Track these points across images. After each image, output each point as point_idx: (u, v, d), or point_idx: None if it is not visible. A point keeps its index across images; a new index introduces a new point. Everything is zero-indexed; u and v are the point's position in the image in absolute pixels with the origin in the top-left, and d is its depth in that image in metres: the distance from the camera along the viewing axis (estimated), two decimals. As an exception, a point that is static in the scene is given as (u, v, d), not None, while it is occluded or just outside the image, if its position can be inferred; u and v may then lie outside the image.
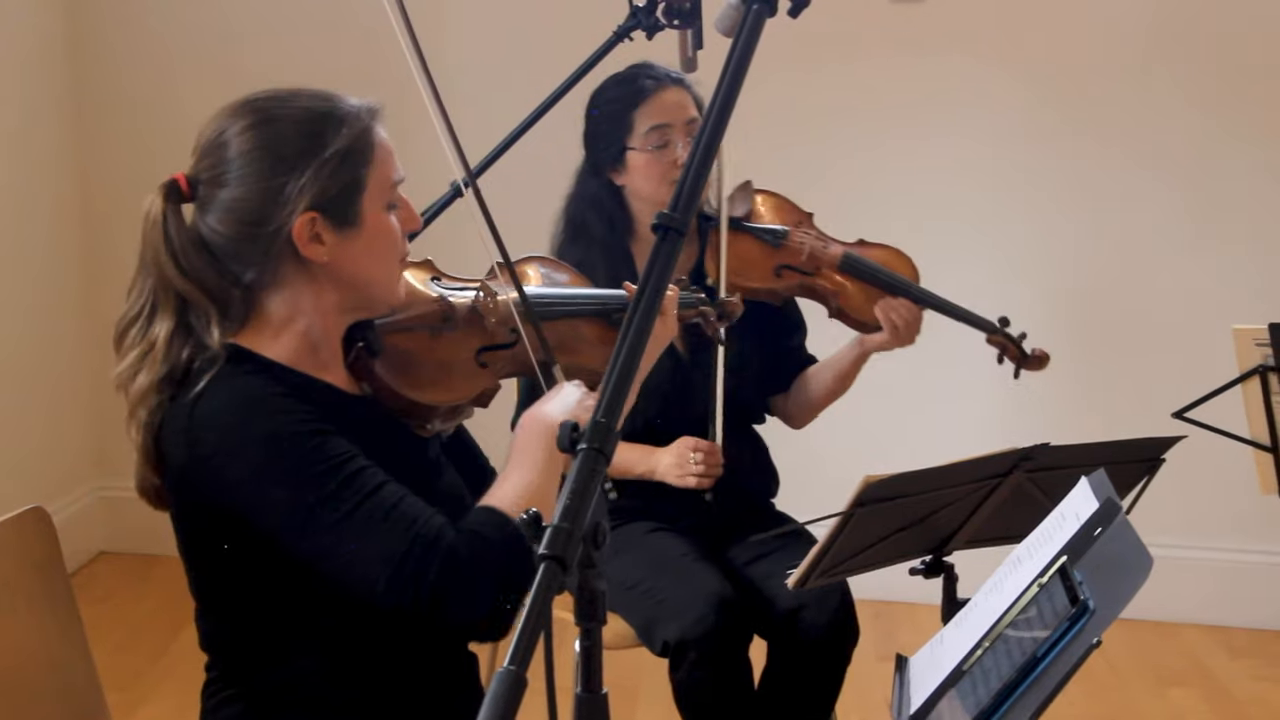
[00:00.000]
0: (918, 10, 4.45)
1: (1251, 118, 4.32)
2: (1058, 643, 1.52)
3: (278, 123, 1.86)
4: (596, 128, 2.99)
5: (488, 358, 2.09)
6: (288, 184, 1.83)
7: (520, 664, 1.05)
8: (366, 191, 1.87)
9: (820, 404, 3.11)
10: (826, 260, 3.00)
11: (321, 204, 1.84)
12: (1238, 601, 4.42)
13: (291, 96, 1.89)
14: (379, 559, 1.74)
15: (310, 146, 1.84)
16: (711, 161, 1.30)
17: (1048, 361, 3.07)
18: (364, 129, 1.89)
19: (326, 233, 1.86)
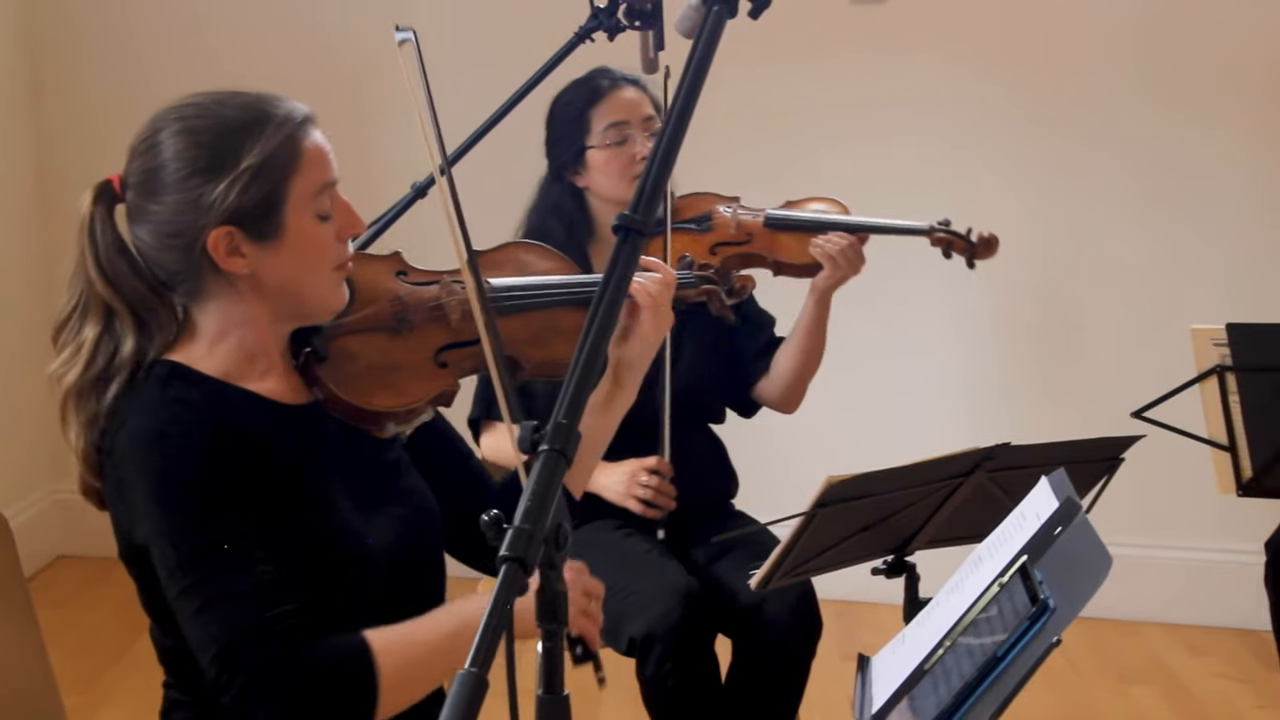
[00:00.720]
0: (879, 11, 4.47)
1: (1214, 117, 4.35)
2: (1018, 642, 1.52)
3: (199, 132, 1.82)
4: (556, 132, 3.01)
5: (449, 356, 2.02)
6: (202, 196, 1.80)
7: (481, 666, 1.05)
8: (289, 202, 1.83)
9: (800, 373, 3.09)
10: (754, 226, 3.04)
11: (237, 217, 1.81)
12: (1197, 600, 4.45)
13: (220, 103, 1.85)
14: (210, 638, 1.71)
15: (226, 159, 1.81)
16: (673, 162, 1.30)
17: (997, 243, 3.06)
18: (287, 137, 1.84)
19: (245, 245, 1.83)
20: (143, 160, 1.84)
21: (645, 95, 2.99)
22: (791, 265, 3.03)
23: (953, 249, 3.06)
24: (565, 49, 2.94)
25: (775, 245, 3.03)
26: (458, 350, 2.03)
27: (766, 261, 3.04)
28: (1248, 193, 4.35)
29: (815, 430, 4.26)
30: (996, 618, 1.63)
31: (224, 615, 1.70)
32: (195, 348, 1.88)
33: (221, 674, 1.69)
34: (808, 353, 3.07)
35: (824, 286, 3.01)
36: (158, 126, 1.85)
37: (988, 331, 4.50)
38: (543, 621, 1.16)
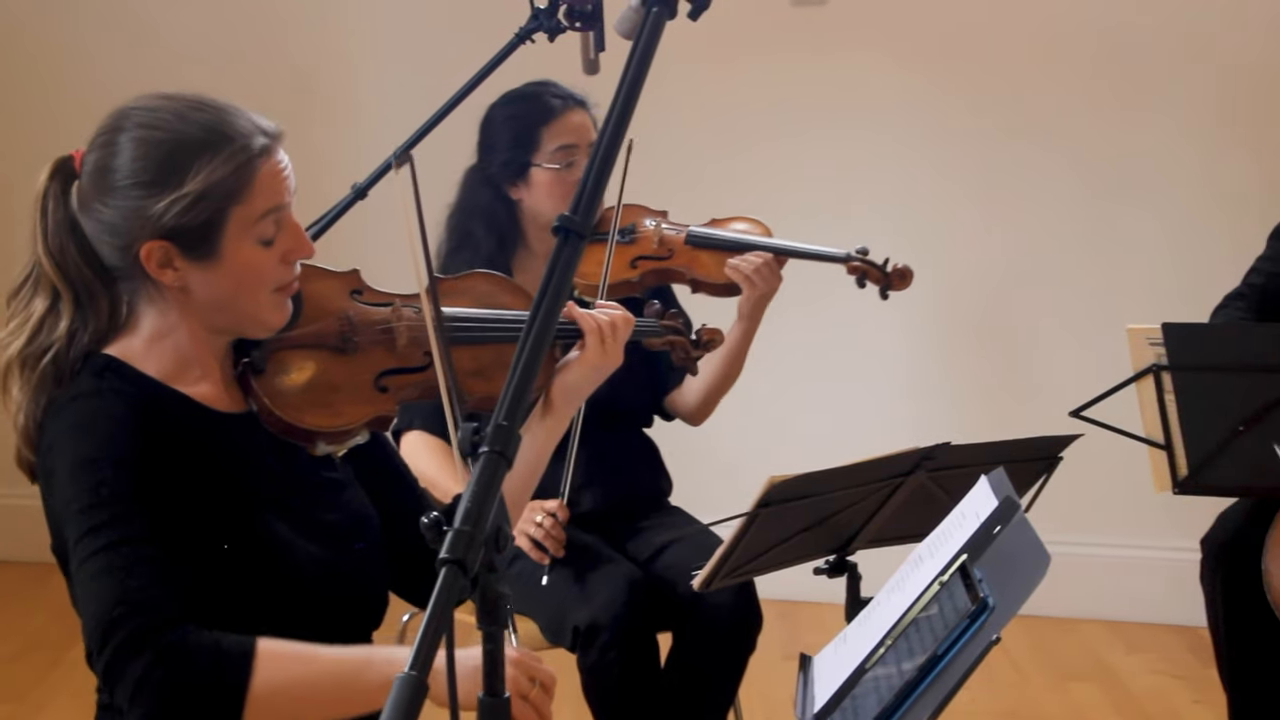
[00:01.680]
0: (819, 13, 4.49)
1: (1152, 119, 4.40)
2: (958, 640, 1.53)
3: (153, 144, 1.81)
4: (497, 140, 2.99)
5: (390, 381, 1.99)
6: (143, 208, 1.79)
7: (421, 669, 1.05)
8: (228, 228, 1.82)
9: (714, 393, 3.10)
10: (676, 242, 3.05)
11: (174, 234, 1.80)
12: (1135, 597, 4.50)
13: (181, 116, 1.83)
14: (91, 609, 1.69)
15: (172, 177, 1.79)
16: (613, 164, 1.30)
17: (911, 276, 3.08)
18: (239, 165, 1.81)
19: (179, 260, 1.82)
20: (99, 155, 1.83)
21: (590, 118, 2.99)
22: (708, 284, 3.05)
23: (867, 279, 3.07)
24: (505, 50, 2.93)
25: (695, 263, 3.04)
26: (400, 376, 2.01)
27: (685, 278, 3.06)
28: (1185, 194, 4.39)
29: (757, 431, 4.28)
30: (937, 616, 1.64)
31: (107, 587, 1.68)
32: (133, 344, 1.87)
33: (93, 643, 1.68)
34: (725, 375, 3.09)
35: (747, 309, 3.02)
36: (120, 124, 1.83)
37: (928, 331, 4.52)
38: (483, 624, 1.16)
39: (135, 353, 1.86)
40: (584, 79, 2.84)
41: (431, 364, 2.00)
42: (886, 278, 3.05)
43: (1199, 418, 2.53)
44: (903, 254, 4.45)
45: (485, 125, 3.03)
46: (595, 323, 2.10)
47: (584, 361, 2.10)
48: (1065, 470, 2.55)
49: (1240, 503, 3.05)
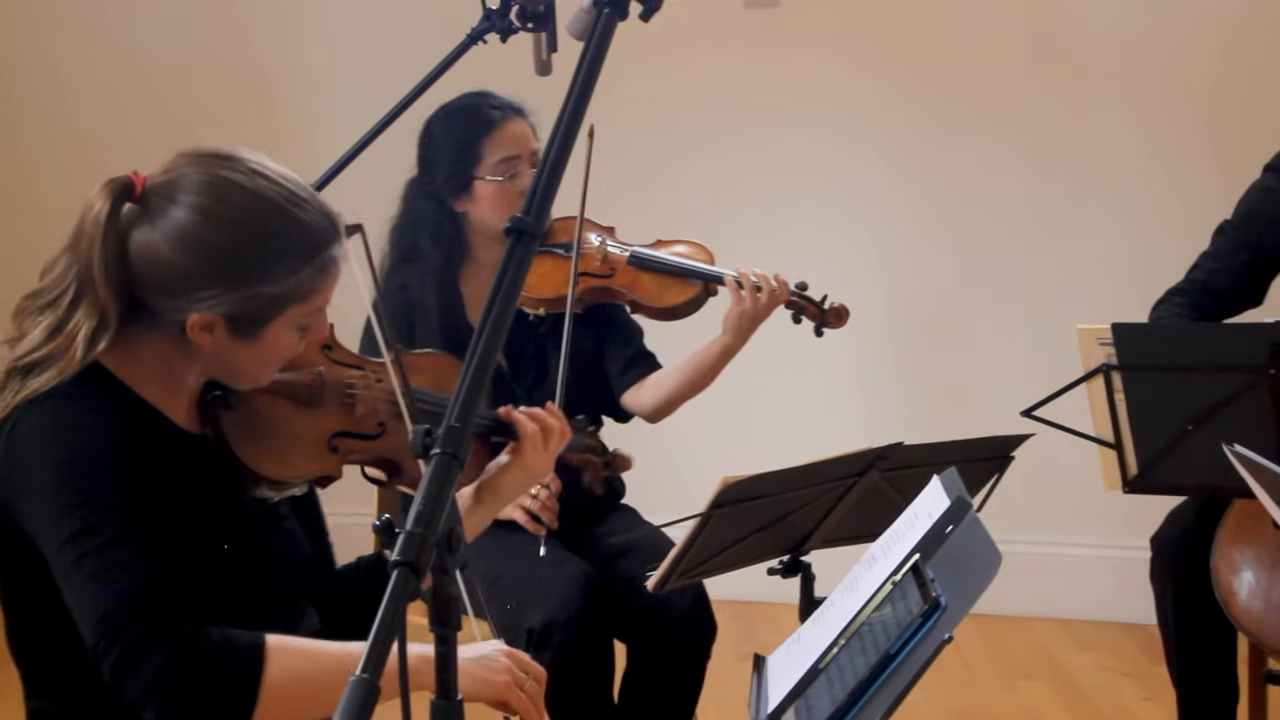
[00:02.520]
0: (772, 14, 4.50)
1: (1105, 118, 4.43)
2: (911, 639, 1.54)
3: (241, 230, 1.79)
4: (438, 154, 2.98)
5: (341, 443, 2.01)
6: (210, 286, 1.79)
7: (373, 672, 1.04)
8: (281, 320, 1.84)
9: (680, 398, 3.10)
10: (618, 261, 3.05)
11: (230, 317, 1.82)
12: (1086, 595, 4.53)
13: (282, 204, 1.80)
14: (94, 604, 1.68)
15: (254, 273, 1.79)
16: (564, 165, 1.30)
17: (847, 315, 3.09)
18: (321, 273, 1.83)
19: (221, 332, 1.83)
20: (172, 199, 1.80)
21: (529, 126, 2.99)
22: (647, 306, 3.05)
23: (803, 314, 3.08)
24: (458, 51, 2.92)
25: (636, 284, 3.04)
26: (352, 440, 2.03)
27: (624, 298, 3.05)
28: (1137, 193, 4.43)
29: (711, 431, 4.28)
30: (890, 616, 1.64)
31: (109, 583, 1.67)
32: (125, 357, 1.86)
33: (102, 640, 1.66)
34: (693, 383, 3.08)
35: (732, 324, 3.00)
36: (214, 179, 1.80)
37: (882, 331, 4.54)
38: (434, 626, 1.15)
39: (125, 365, 1.86)
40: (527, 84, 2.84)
41: (384, 434, 2.04)
42: (822, 314, 3.07)
43: (1148, 417, 2.55)
44: (855, 253, 4.51)
45: (424, 139, 3.01)
46: (533, 428, 2.11)
47: (517, 466, 2.12)
48: (1017, 470, 2.57)
49: (1189, 501, 3.07)
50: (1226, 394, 2.44)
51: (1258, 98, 4.31)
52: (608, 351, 3.11)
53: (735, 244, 4.40)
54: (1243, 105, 4.33)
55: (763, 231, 4.50)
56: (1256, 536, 2.80)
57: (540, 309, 2.99)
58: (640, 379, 3.12)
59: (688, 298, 3.05)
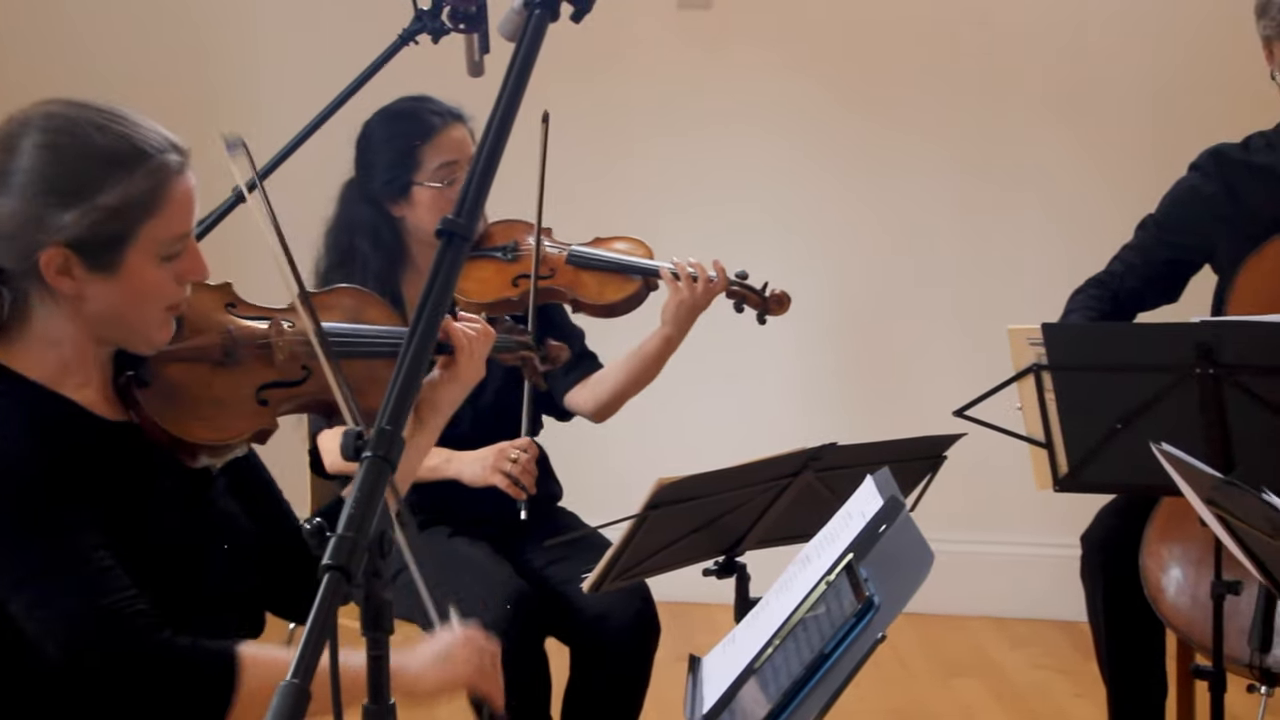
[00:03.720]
0: (705, 15, 4.51)
1: (1040, 119, 4.47)
2: (845, 638, 1.54)
3: (63, 151, 1.78)
4: (376, 158, 2.96)
5: (270, 395, 2.00)
6: (48, 215, 1.77)
7: (304, 677, 1.03)
8: (135, 244, 1.80)
9: (624, 395, 3.11)
10: (557, 261, 3.04)
11: (78, 244, 1.78)
12: (1018, 593, 4.57)
13: (95, 125, 1.79)
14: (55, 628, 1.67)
15: (86, 187, 1.77)
16: (496, 167, 1.29)
17: (789, 302, 3.11)
18: (155, 184, 1.80)
19: (78, 269, 1.79)
20: (4, 155, 1.79)
21: (469, 132, 2.98)
22: (589, 305, 3.05)
23: (745, 303, 3.10)
24: (389, 52, 2.91)
25: (576, 283, 3.04)
26: (280, 390, 2.02)
27: (566, 298, 3.05)
28: (1067, 193, 4.47)
29: (647, 434, 4.28)
30: (824, 615, 1.65)
31: (70, 606, 1.67)
32: (16, 348, 1.84)
33: (72, 661, 1.66)
34: (636, 379, 3.08)
35: (670, 315, 3.01)
36: (23, 129, 1.80)
37: (816, 332, 4.56)
38: (367, 630, 1.15)
39: (23, 356, 1.83)
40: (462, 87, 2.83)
41: (309, 377, 2.03)
42: (764, 303, 3.08)
43: (1078, 416, 2.57)
44: (791, 253, 4.53)
45: (362, 143, 2.99)
46: (465, 338, 2.11)
47: (453, 377, 2.12)
48: (950, 469, 2.59)
49: (1119, 500, 3.10)
50: (1154, 394, 2.46)
51: (1189, 96, 4.36)
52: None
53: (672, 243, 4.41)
54: (1174, 103, 4.38)
55: (698, 231, 4.50)
56: (1184, 534, 2.84)
57: (481, 314, 2.97)
58: (583, 379, 3.11)
59: (629, 293, 3.05)
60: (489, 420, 2.93)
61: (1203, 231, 3.18)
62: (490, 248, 3.04)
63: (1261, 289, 2.96)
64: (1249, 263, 2.98)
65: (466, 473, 2.87)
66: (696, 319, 3.03)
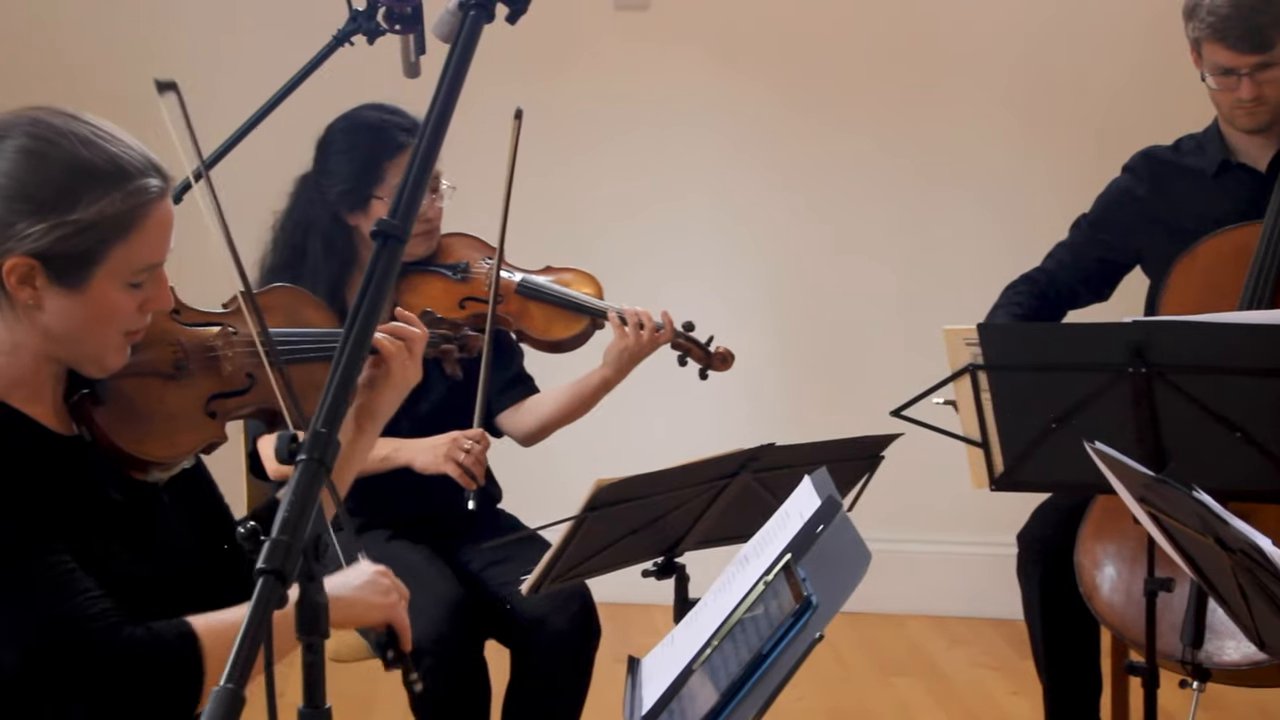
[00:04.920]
0: (642, 17, 4.52)
1: (983, 118, 4.51)
2: (783, 638, 1.55)
3: (45, 161, 1.75)
4: (337, 166, 2.93)
5: (218, 406, 1.97)
6: (18, 223, 1.74)
7: (238, 681, 1.03)
8: (104, 265, 1.78)
9: (555, 426, 3.10)
10: (507, 287, 3.01)
11: (45, 256, 1.75)
12: (956, 592, 4.60)
13: (80, 139, 1.77)
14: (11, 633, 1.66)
15: (60, 202, 1.74)
16: (431, 167, 1.29)
17: (733, 360, 3.11)
18: (133, 207, 1.78)
19: (41, 280, 1.76)
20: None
21: None
22: (532, 338, 3.03)
23: (689, 356, 3.07)
24: (323, 53, 2.89)
25: (524, 314, 3.01)
26: (227, 400, 1.99)
27: (511, 326, 3.02)
28: (1012, 195, 4.51)
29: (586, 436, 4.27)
30: (762, 615, 1.65)
31: (20, 613, 1.65)
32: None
33: (30, 668, 1.64)
34: (569, 413, 3.08)
35: (612, 357, 2.99)
36: (3, 133, 1.77)
37: (754, 332, 4.57)
38: (302, 634, 1.14)
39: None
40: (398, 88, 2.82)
41: (254, 385, 2.00)
42: (709, 358, 3.07)
43: (1013, 416, 2.59)
44: (729, 254, 4.54)
45: (324, 147, 2.96)
46: (396, 346, 2.07)
47: (388, 384, 2.08)
48: (887, 468, 2.60)
49: (1054, 498, 3.13)
50: (1088, 393, 2.48)
51: (1129, 98, 4.41)
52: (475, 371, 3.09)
53: (608, 245, 4.42)
54: (1114, 105, 4.42)
55: (636, 233, 4.51)
56: (1118, 532, 2.87)
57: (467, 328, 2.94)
58: (518, 401, 3.10)
59: (575, 332, 3.02)
60: (428, 429, 2.91)
61: (1134, 232, 3.22)
62: (441, 264, 3.02)
63: (1192, 289, 3.00)
64: (1180, 264, 3.02)
65: (419, 460, 2.85)
66: (637, 365, 3.01)
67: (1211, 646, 2.67)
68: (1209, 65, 3.01)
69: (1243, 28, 2.93)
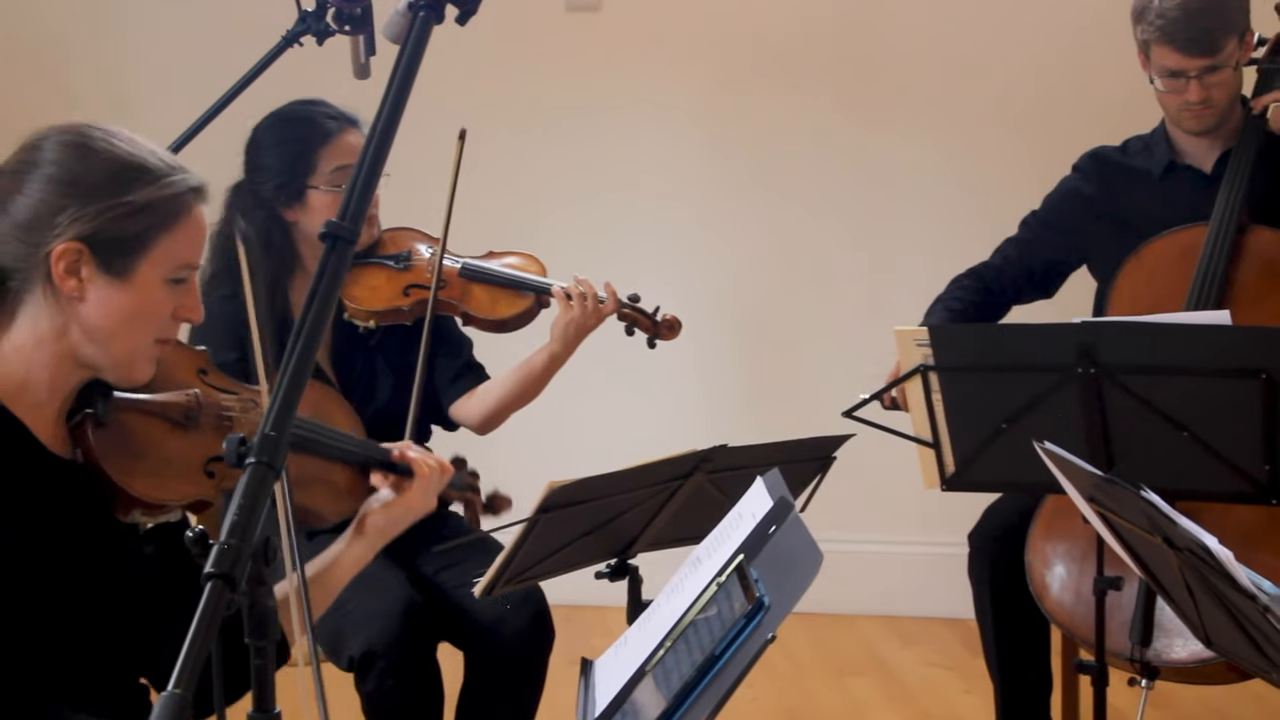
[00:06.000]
0: (593, 18, 4.52)
1: (926, 120, 4.53)
2: (735, 639, 1.55)
3: (94, 153, 1.79)
4: (268, 163, 2.91)
5: (217, 468, 1.97)
6: (70, 206, 1.76)
7: (185, 686, 1.02)
8: (151, 253, 1.80)
9: (509, 409, 3.10)
10: (449, 273, 3.03)
11: (94, 240, 1.77)
12: (908, 592, 4.62)
13: (124, 137, 1.82)
14: None
15: (111, 185, 1.78)
16: (381, 168, 1.29)
17: (680, 327, 3.11)
18: (178, 196, 1.82)
19: (88, 269, 1.77)
20: (27, 154, 1.80)
21: (364, 136, 2.93)
22: (479, 318, 3.04)
23: (636, 326, 3.08)
24: (272, 54, 2.87)
25: (468, 296, 3.03)
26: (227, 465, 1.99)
27: (457, 310, 3.04)
28: (949, 198, 4.53)
29: (538, 437, 4.27)
30: (715, 617, 1.65)
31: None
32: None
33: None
34: (520, 393, 3.07)
35: (558, 331, 2.99)
36: (45, 134, 1.81)
37: (704, 333, 4.57)
38: (251, 638, 1.13)
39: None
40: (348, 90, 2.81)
41: None
42: (655, 327, 3.08)
43: (964, 416, 2.60)
44: (679, 255, 4.54)
45: (253, 147, 2.94)
46: (428, 467, 2.10)
47: (404, 504, 2.10)
48: (839, 469, 2.61)
49: (1005, 498, 3.15)
50: (1037, 393, 2.50)
51: (1062, 102, 4.44)
52: (437, 361, 3.09)
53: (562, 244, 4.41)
54: (1048, 109, 4.45)
55: (588, 232, 4.51)
56: (1067, 532, 2.89)
57: (371, 321, 2.96)
58: (469, 390, 3.10)
59: (520, 310, 3.04)
60: (378, 427, 2.90)
61: (1081, 231, 3.25)
62: (383, 255, 3.02)
63: (1140, 290, 3.03)
64: (1128, 265, 3.05)
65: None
66: (584, 339, 3.02)
67: (1160, 644, 2.70)
68: (1157, 68, 3.03)
69: (1191, 31, 2.95)
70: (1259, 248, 2.95)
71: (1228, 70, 2.99)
